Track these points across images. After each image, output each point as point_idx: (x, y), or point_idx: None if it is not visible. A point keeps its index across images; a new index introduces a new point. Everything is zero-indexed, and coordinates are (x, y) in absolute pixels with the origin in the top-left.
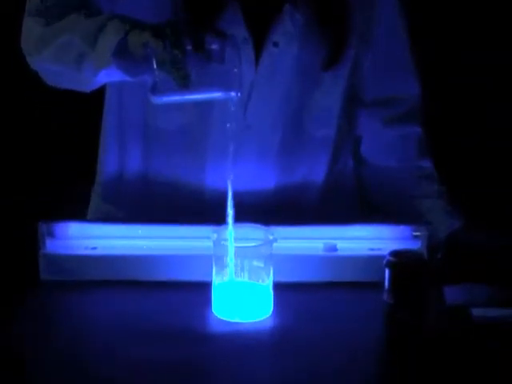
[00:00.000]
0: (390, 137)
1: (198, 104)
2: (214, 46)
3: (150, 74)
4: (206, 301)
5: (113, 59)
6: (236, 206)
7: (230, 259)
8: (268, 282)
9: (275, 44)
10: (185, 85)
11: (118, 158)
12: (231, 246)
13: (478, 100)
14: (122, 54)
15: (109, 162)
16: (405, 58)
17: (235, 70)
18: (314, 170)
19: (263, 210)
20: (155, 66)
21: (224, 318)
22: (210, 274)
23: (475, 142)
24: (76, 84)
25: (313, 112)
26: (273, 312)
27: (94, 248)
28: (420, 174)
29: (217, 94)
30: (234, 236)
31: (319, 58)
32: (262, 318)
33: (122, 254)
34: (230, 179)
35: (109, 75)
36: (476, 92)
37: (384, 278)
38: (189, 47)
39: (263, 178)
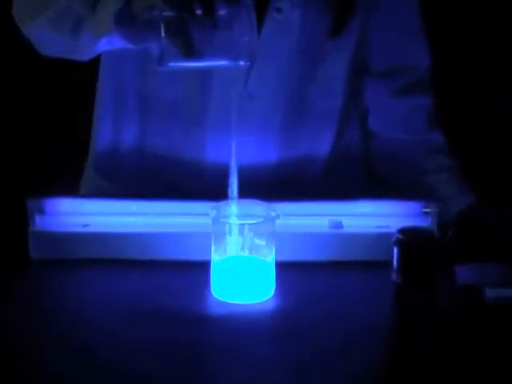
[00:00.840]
0: (398, 108)
1: (197, 73)
2: (222, 12)
3: (154, 42)
4: (205, 281)
5: (114, 26)
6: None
7: (232, 237)
8: (270, 261)
9: (278, 10)
10: (189, 54)
11: (112, 129)
12: (233, 223)
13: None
14: (125, 20)
15: (103, 134)
16: (415, 26)
17: (247, 38)
18: (318, 144)
19: (265, 185)
20: (163, 32)
21: (223, 300)
22: (209, 253)
23: (485, 117)
24: (73, 53)
25: (317, 82)
26: (275, 293)
27: (86, 225)
28: (430, 148)
29: (224, 63)
30: (235, 212)
31: (324, 25)
32: (263, 300)
33: (115, 232)
34: (233, 151)
35: (110, 43)
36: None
37: (392, 257)
38: (198, 12)
39: (265, 152)
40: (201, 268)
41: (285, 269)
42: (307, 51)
